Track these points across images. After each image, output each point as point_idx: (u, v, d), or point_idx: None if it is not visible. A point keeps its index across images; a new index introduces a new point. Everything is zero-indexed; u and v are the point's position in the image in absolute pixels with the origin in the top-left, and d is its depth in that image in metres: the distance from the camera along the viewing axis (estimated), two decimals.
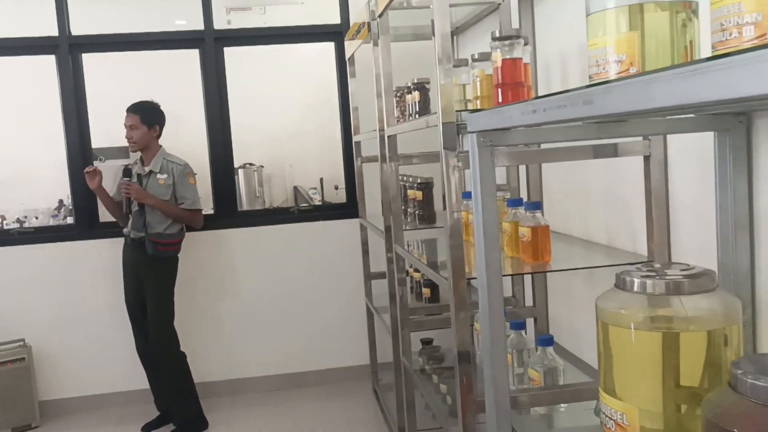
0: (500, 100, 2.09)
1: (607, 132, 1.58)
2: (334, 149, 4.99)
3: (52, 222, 5.59)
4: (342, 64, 4.64)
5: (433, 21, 2.05)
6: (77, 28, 4.41)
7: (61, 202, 5.96)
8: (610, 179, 2.35)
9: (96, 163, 4.81)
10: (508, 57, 2.07)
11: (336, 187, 6.07)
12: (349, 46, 4.26)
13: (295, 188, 6.61)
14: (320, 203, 5.95)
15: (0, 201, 6.18)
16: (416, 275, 3.68)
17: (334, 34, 4.64)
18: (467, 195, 2.34)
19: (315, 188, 6.20)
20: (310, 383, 4.67)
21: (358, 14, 3.87)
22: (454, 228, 2.06)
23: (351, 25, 4.29)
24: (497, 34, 2.08)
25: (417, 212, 3.40)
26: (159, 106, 4.00)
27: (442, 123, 2.03)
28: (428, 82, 3.10)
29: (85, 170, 3.93)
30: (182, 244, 4.04)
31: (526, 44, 2.13)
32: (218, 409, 4.35)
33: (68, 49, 4.38)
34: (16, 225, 5.63)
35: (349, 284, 4.65)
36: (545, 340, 2.18)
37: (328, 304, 4.67)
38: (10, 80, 5.55)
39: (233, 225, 4.59)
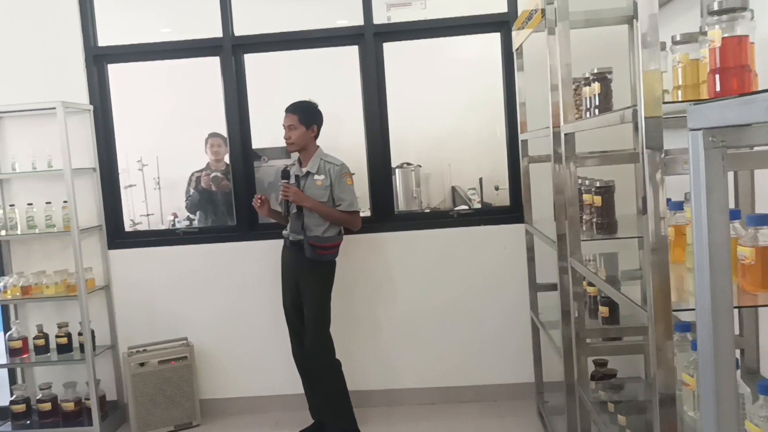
0: (718, 90, 1.68)
1: None
2: (494, 148, 4.67)
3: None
4: (508, 57, 4.30)
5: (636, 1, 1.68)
6: (240, 29, 4.42)
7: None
8: None
9: (256, 164, 4.83)
10: (730, 35, 1.65)
11: (496, 188, 5.74)
12: (517, 37, 3.92)
13: (453, 188, 6.35)
14: (479, 205, 5.64)
15: (174, 200, 6.47)
16: (591, 290, 3.28)
17: (500, 24, 4.31)
18: (676, 206, 1.94)
19: (474, 189, 5.90)
20: (469, 399, 4.38)
21: (528, 1, 3.52)
22: (658, 245, 1.69)
23: (519, 13, 3.95)
24: (716, 7, 1.67)
25: (594, 220, 3.00)
26: (317, 106, 3.89)
27: (645, 117, 1.66)
28: (610, 72, 2.71)
29: (252, 204, 3.90)
30: (340, 247, 3.90)
31: (752, 18, 1.70)
32: (372, 420, 4.18)
33: (231, 50, 4.39)
34: (186, 223, 5.84)
35: (511, 295, 4.31)
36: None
37: (488, 316, 4.36)
38: (179, 82, 5.75)
39: (390, 228, 4.40)
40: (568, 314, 2.96)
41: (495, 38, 4.38)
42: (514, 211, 4.35)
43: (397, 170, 6.10)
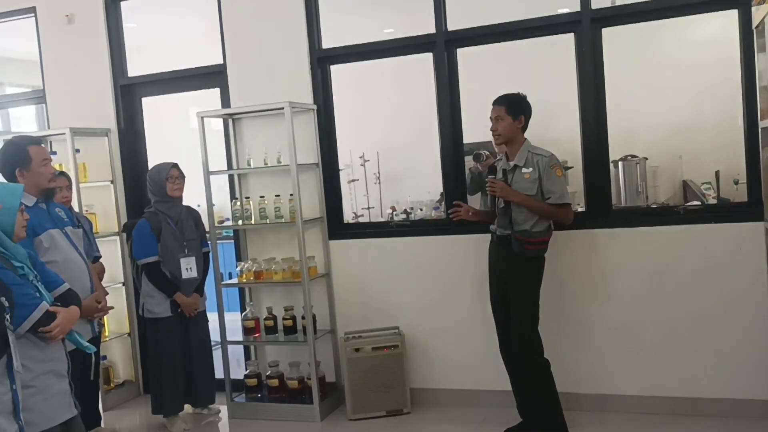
0: None
1: None
2: (734, 137, 4.19)
3: (434, 214, 5.82)
4: (746, 35, 3.84)
5: None
6: (453, 24, 4.44)
7: (442, 195, 6.21)
8: None
9: (469, 162, 4.83)
10: None
11: (735, 182, 5.17)
12: (757, 12, 3.48)
13: (685, 183, 5.83)
14: (714, 200, 5.12)
15: (393, 193, 6.73)
16: None
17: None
18: None
19: (708, 183, 5.36)
20: (692, 412, 3.99)
21: None
22: None
23: None
24: None
25: None
26: (525, 97, 3.78)
27: None
28: None
29: (452, 217, 3.99)
30: (549, 243, 3.76)
31: None
32: (584, 425, 3.98)
33: (444, 45, 4.43)
34: (404, 216, 6.04)
35: (745, 301, 3.86)
36: None
37: (716, 322, 3.94)
38: (397, 79, 5.94)
39: (606, 224, 4.15)
40: None
41: (731, 15, 3.93)
42: (751, 208, 3.88)
43: (620, 163, 5.75)
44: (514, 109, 3.72)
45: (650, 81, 5.70)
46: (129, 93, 5.28)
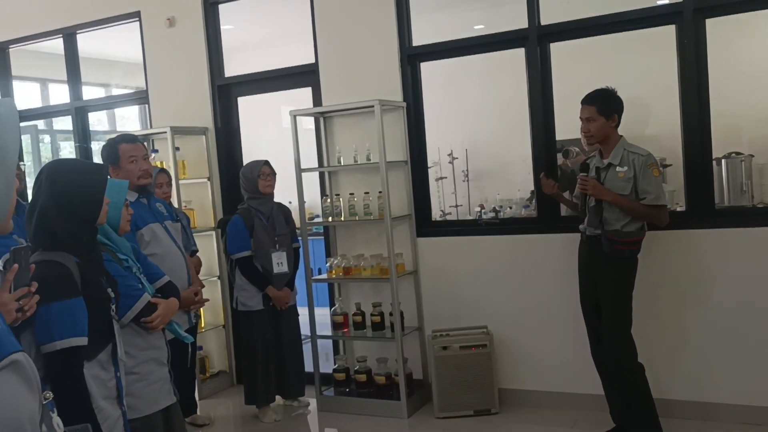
0: None
1: None
2: None
3: (523, 212, 5.72)
4: None
5: None
6: (546, 18, 4.35)
7: (533, 192, 6.09)
8: None
9: (560, 159, 4.72)
10: None
11: None
12: None
13: None
14: None
15: (481, 191, 6.65)
16: None
17: None
18: None
19: None
20: None
21: None
22: None
23: None
24: None
25: None
26: (616, 93, 3.64)
27: None
28: None
29: (540, 175, 3.85)
30: (642, 243, 3.62)
31: None
32: None
33: (536, 40, 4.34)
34: (492, 214, 5.96)
35: None
36: None
37: None
38: (486, 75, 5.86)
39: (706, 225, 3.96)
40: None
41: None
42: None
43: (723, 160, 5.46)
44: (605, 108, 3.59)
45: (756, 73, 5.39)
46: (225, 93, 5.46)
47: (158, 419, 2.76)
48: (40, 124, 7.52)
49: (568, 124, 4.49)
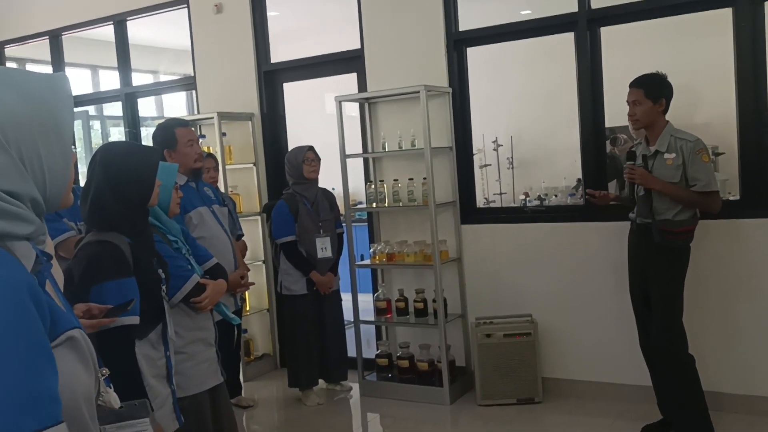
0: None
1: None
2: None
3: (569, 200, 5.65)
4: None
5: None
6: (597, 1, 4.26)
7: (579, 180, 6.01)
8: None
9: (609, 147, 4.63)
10: None
11: None
12: None
13: None
14: None
15: (526, 179, 6.58)
16: None
17: None
18: None
19: None
20: None
21: None
22: None
23: None
24: None
25: None
26: (665, 78, 3.54)
27: None
28: None
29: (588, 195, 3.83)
30: (694, 232, 3.54)
31: None
32: (730, 428, 3.73)
33: (586, 25, 4.25)
34: (537, 202, 5.89)
35: None
36: None
37: None
38: (533, 61, 5.78)
39: (761, 214, 3.85)
40: None
41: None
42: None
43: None
44: (653, 91, 3.50)
45: None
46: (271, 79, 5.50)
47: (205, 399, 2.81)
48: (91, 110, 7.68)
49: (617, 111, 4.41)
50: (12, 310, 0.98)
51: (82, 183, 2.67)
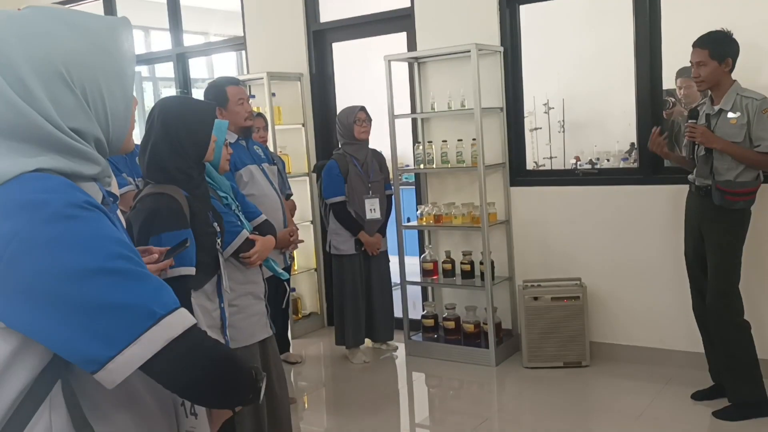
0: None
1: None
2: None
3: (622, 165, 5.52)
4: None
5: None
6: None
7: (632, 145, 5.85)
8: None
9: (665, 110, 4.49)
10: None
11: None
12: None
13: None
14: None
15: (578, 143, 6.43)
16: None
17: None
18: None
19: None
20: None
21: None
22: None
23: None
24: None
25: None
26: (731, 35, 3.39)
27: None
28: None
29: (654, 129, 3.66)
30: (757, 194, 3.42)
31: None
32: None
33: None
34: (588, 166, 5.78)
35: None
36: None
37: None
38: (590, 21, 5.61)
39: None
40: None
41: None
42: None
43: None
44: (719, 51, 3.36)
45: None
46: (320, 38, 5.47)
47: (256, 350, 2.87)
48: (144, 71, 7.78)
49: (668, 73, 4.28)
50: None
51: (137, 141, 2.71)
